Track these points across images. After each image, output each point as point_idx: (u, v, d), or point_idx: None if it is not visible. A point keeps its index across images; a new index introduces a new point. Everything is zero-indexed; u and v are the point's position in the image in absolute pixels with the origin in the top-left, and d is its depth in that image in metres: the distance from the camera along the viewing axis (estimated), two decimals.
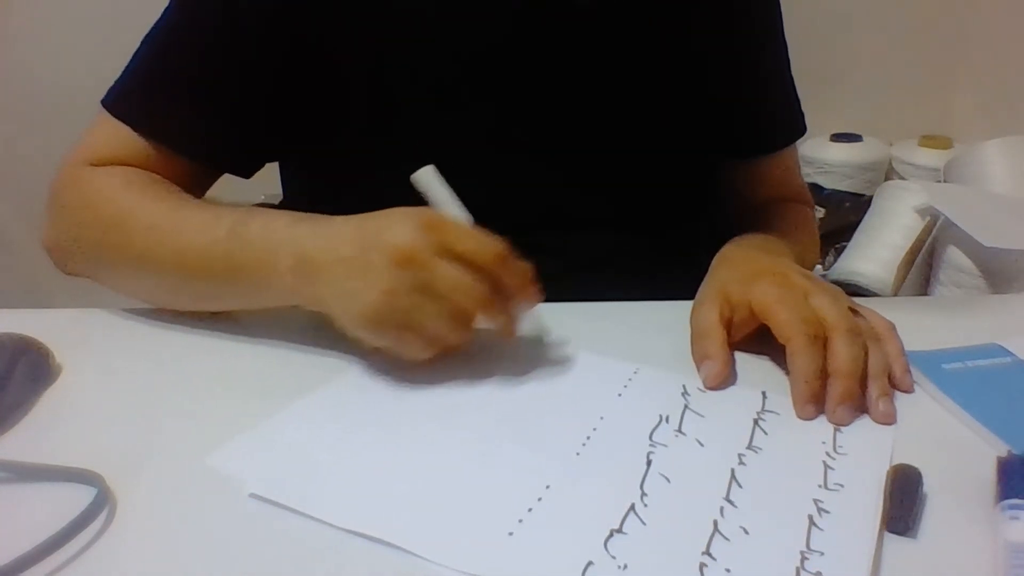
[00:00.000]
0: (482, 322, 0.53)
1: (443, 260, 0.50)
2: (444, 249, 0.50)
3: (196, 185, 0.67)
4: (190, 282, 0.59)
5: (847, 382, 0.52)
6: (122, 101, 0.65)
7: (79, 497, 0.43)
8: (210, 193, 0.71)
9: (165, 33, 0.65)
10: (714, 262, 0.67)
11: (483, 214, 0.69)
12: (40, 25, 1.63)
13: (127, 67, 0.66)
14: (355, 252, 0.51)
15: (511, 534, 0.42)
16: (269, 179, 0.76)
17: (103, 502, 0.43)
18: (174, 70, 0.65)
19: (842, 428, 0.51)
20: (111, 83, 0.66)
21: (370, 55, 0.65)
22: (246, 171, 0.70)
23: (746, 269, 0.61)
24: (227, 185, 0.70)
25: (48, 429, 0.51)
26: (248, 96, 0.65)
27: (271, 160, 0.73)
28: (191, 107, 0.65)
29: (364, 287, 0.50)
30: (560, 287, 0.65)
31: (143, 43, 0.66)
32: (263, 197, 0.96)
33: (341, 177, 0.70)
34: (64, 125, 0.67)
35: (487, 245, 0.51)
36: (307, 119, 0.67)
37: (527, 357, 0.58)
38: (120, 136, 0.64)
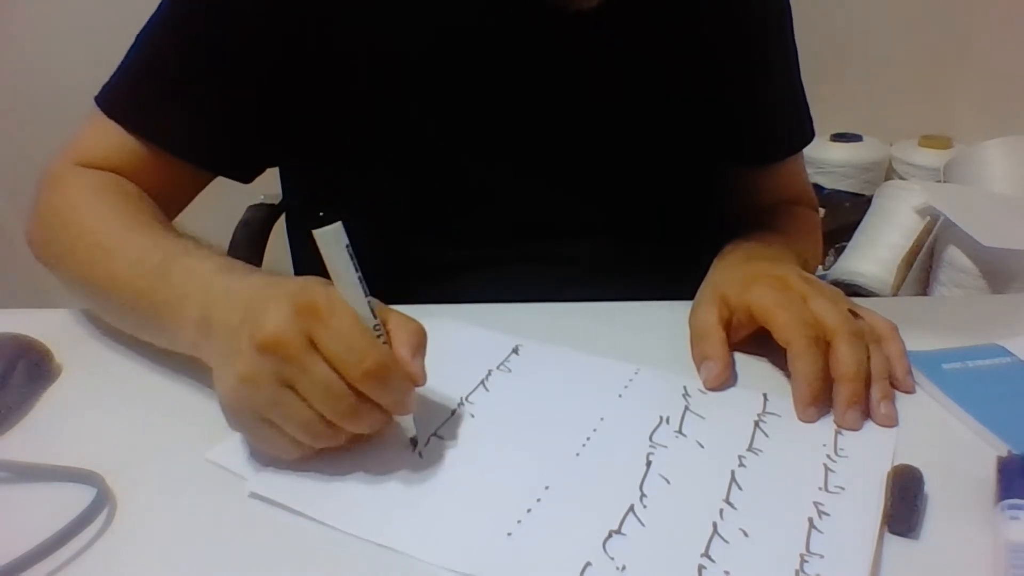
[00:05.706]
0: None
1: (312, 355, 0.42)
2: (316, 342, 0.43)
3: (188, 187, 0.67)
4: (117, 309, 0.57)
5: (853, 385, 0.51)
6: (114, 99, 0.65)
7: (79, 497, 0.43)
8: (212, 193, 0.71)
9: (157, 31, 0.65)
10: (713, 265, 0.67)
11: (482, 219, 0.69)
12: (40, 25, 1.63)
13: (121, 64, 0.66)
14: (236, 325, 0.45)
15: (510, 535, 0.42)
16: (269, 179, 0.76)
17: (103, 502, 0.43)
18: (165, 69, 0.65)
19: (843, 431, 0.51)
20: None
21: (364, 54, 0.64)
22: (241, 174, 0.70)
23: (744, 272, 0.61)
24: (228, 184, 0.69)
25: (48, 429, 0.51)
26: (239, 95, 0.65)
27: (268, 165, 0.72)
28: (182, 106, 0.64)
29: (228, 369, 0.44)
30: (561, 294, 0.65)
31: (137, 40, 0.65)
32: (263, 197, 0.96)
33: (336, 183, 0.70)
34: (64, 124, 0.67)
35: (360, 354, 0.42)
36: (301, 119, 0.67)
37: (527, 357, 0.58)
38: (111, 134, 0.64)
